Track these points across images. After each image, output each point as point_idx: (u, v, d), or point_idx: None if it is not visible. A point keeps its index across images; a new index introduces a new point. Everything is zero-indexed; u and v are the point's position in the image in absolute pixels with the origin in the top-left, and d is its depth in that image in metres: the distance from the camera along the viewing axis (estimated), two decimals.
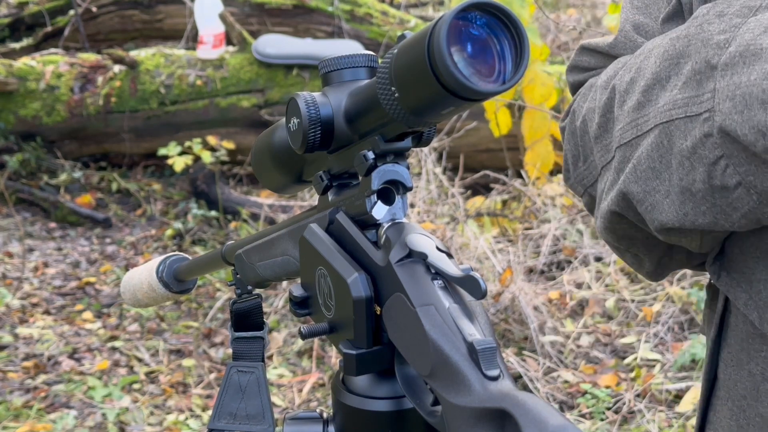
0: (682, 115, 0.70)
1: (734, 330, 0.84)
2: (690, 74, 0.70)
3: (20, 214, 4.63)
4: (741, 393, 0.83)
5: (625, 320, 3.35)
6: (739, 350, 0.83)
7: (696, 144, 0.69)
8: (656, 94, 0.73)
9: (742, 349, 0.82)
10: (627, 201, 0.77)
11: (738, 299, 0.79)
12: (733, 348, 0.84)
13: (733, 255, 0.81)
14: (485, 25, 0.59)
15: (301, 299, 0.74)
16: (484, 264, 3.43)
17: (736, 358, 0.83)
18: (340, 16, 5.39)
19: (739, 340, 0.83)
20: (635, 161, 0.75)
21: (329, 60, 0.71)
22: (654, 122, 0.73)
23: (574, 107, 0.89)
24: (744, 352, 0.82)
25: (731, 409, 0.84)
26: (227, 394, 0.92)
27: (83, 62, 4.90)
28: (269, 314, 3.45)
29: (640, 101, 0.75)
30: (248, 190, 4.86)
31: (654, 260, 0.87)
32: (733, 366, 0.84)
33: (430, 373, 0.59)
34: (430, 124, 0.64)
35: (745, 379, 0.82)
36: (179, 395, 3.09)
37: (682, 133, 0.70)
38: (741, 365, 0.82)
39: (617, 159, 0.78)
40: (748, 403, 0.82)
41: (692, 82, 0.70)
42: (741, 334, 0.82)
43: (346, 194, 0.72)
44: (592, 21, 7.14)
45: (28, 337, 3.48)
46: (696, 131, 0.69)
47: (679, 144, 0.71)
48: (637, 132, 0.75)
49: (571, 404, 2.89)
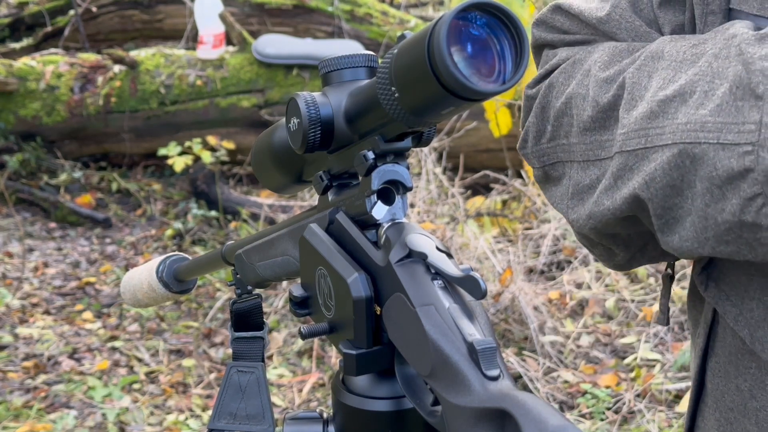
0: (714, 140, 0.65)
1: (722, 342, 0.82)
2: (727, 98, 0.65)
3: (20, 214, 4.63)
4: (728, 405, 0.82)
5: (625, 320, 3.35)
6: (726, 363, 0.82)
7: (732, 176, 0.65)
8: (675, 107, 0.69)
9: (730, 363, 0.81)
10: (642, 204, 0.74)
11: (727, 314, 0.77)
12: (721, 359, 0.83)
13: (723, 268, 0.78)
14: (485, 25, 0.59)
15: (301, 299, 0.74)
16: (484, 264, 3.43)
17: (723, 370, 0.82)
18: (340, 16, 5.39)
19: (727, 353, 0.81)
20: (649, 175, 0.71)
21: (329, 60, 0.71)
22: (672, 139, 0.69)
23: (552, 81, 0.84)
24: (732, 365, 0.81)
25: (718, 420, 0.83)
26: (227, 394, 0.92)
27: (83, 62, 4.90)
28: (269, 314, 3.45)
29: (653, 111, 0.71)
30: (248, 190, 4.86)
31: (628, 255, 0.85)
32: (721, 377, 0.83)
33: (430, 373, 0.59)
34: (430, 124, 0.64)
35: (732, 392, 0.81)
36: (179, 395, 3.09)
37: (710, 160, 0.66)
38: (729, 378, 0.81)
39: (616, 163, 0.74)
40: (735, 417, 0.81)
41: (729, 108, 0.65)
42: (729, 347, 0.81)
43: (346, 194, 0.72)
44: None
45: (28, 337, 3.49)
46: (732, 162, 0.64)
47: (707, 170, 0.66)
48: (646, 143, 0.71)
49: (571, 404, 2.89)
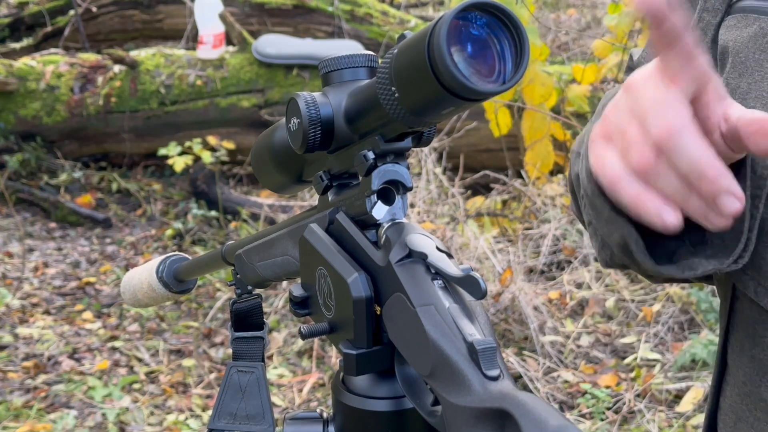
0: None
1: (741, 316, 0.83)
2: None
3: (20, 214, 4.63)
4: (742, 379, 0.83)
5: (625, 320, 3.35)
6: (743, 336, 0.83)
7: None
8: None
9: (747, 335, 0.82)
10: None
11: (747, 287, 0.78)
12: (739, 334, 0.84)
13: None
14: (485, 25, 0.59)
15: (301, 299, 0.74)
16: (484, 264, 3.43)
17: (740, 344, 0.83)
18: (340, 16, 5.39)
19: (745, 326, 0.82)
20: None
21: (329, 60, 0.71)
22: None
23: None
24: (749, 338, 0.82)
25: (738, 395, 0.84)
26: (227, 394, 0.92)
27: (83, 62, 4.90)
28: (269, 314, 3.45)
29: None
30: (248, 190, 4.86)
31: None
32: (738, 351, 0.84)
33: (430, 373, 0.59)
34: (430, 124, 0.64)
35: (746, 364, 0.82)
36: (179, 395, 3.09)
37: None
38: (744, 351, 0.82)
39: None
40: (750, 390, 0.82)
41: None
42: (747, 319, 0.82)
43: (346, 194, 0.72)
44: (592, 21, 7.14)
45: (28, 337, 3.48)
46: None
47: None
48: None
49: (571, 404, 2.89)
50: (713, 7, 0.83)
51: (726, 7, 0.83)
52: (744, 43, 0.79)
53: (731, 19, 0.82)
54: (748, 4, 0.80)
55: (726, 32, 0.82)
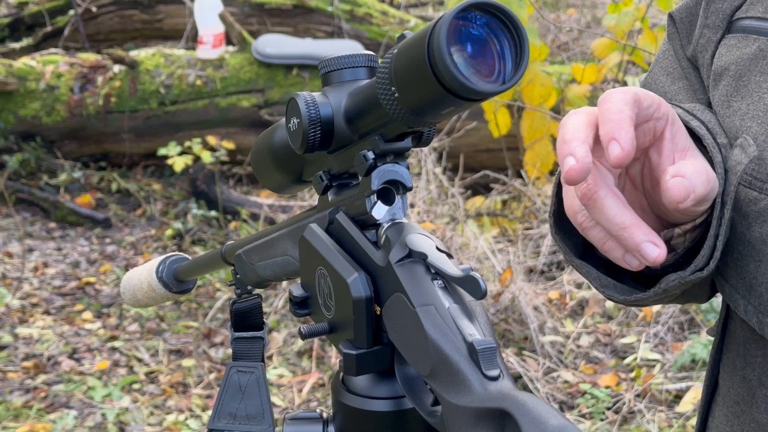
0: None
1: (733, 336, 0.84)
2: None
3: (20, 214, 4.63)
4: (734, 399, 0.83)
5: (625, 320, 3.35)
6: (735, 356, 0.83)
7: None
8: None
9: (738, 355, 0.82)
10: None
11: (737, 306, 0.78)
12: (731, 354, 0.84)
13: (730, 261, 0.79)
14: (485, 25, 0.59)
15: (301, 299, 0.74)
16: (484, 264, 3.43)
17: (731, 364, 0.83)
18: (340, 16, 5.39)
19: (737, 345, 0.83)
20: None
21: (329, 60, 0.71)
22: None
23: None
24: (740, 357, 0.82)
25: (726, 416, 0.84)
26: (227, 394, 0.92)
27: (83, 62, 4.90)
28: (269, 314, 3.45)
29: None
30: (248, 190, 4.86)
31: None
32: (729, 371, 0.84)
33: (430, 373, 0.59)
34: (430, 124, 0.64)
35: (738, 384, 0.82)
36: (179, 395, 3.09)
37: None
38: (736, 370, 0.82)
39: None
40: (741, 409, 0.82)
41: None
42: (739, 339, 0.82)
43: (346, 194, 0.72)
44: (592, 21, 7.14)
45: (28, 337, 3.48)
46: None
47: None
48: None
49: (571, 404, 2.89)
50: (714, 24, 0.83)
51: (726, 24, 0.83)
52: (745, 65, 0.79)
53: (732, 38, 0.82)
54: (748, 23, 0.80)
55: (727, 52, 0.82)
